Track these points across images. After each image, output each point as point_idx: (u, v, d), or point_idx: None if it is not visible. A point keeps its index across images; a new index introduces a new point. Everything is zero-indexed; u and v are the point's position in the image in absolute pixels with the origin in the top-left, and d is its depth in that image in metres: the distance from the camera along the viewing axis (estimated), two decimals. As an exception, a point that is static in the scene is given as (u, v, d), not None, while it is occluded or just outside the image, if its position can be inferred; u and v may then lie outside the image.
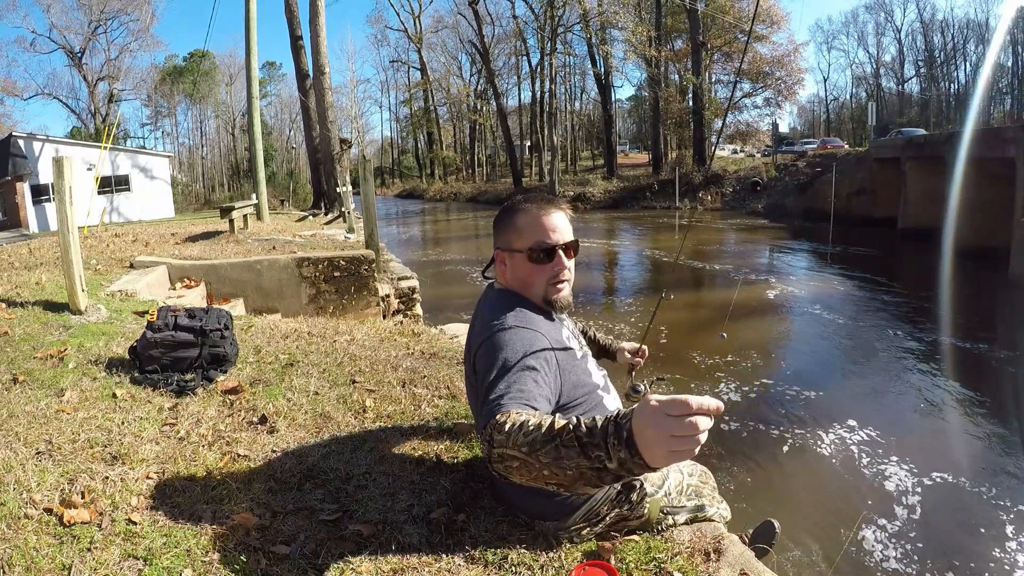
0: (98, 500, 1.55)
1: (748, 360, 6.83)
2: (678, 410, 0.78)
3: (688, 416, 0.78)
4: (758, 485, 4.19)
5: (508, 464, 0.98)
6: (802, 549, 3.40)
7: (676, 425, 0.78)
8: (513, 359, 1.24)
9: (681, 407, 0.78)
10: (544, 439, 0.93)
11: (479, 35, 37.38)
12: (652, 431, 0.80)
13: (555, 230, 1.47)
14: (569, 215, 1.54)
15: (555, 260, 1.47)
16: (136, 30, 39.53)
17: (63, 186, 3.49)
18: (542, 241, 1.45)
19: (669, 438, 0.79)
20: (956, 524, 3.68)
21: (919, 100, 45.09)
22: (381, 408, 2.37)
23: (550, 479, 0.94)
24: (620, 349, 1.97)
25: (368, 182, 7.42)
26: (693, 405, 0.78)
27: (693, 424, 0.78)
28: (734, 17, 30.68)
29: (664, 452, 0.80)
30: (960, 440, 4.95)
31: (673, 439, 0.79)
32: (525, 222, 1.48)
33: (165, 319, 2.64)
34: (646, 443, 0.82)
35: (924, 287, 10.67)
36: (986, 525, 3.66)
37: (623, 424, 0.86)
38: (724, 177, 28.01)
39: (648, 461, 0.82)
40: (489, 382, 1.22)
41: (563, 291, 1.50)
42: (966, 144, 13.29)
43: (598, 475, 0.89)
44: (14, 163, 17.38)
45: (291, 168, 48.49)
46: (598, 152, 49.76)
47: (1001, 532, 3.58)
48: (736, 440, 4.88)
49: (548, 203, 1.50)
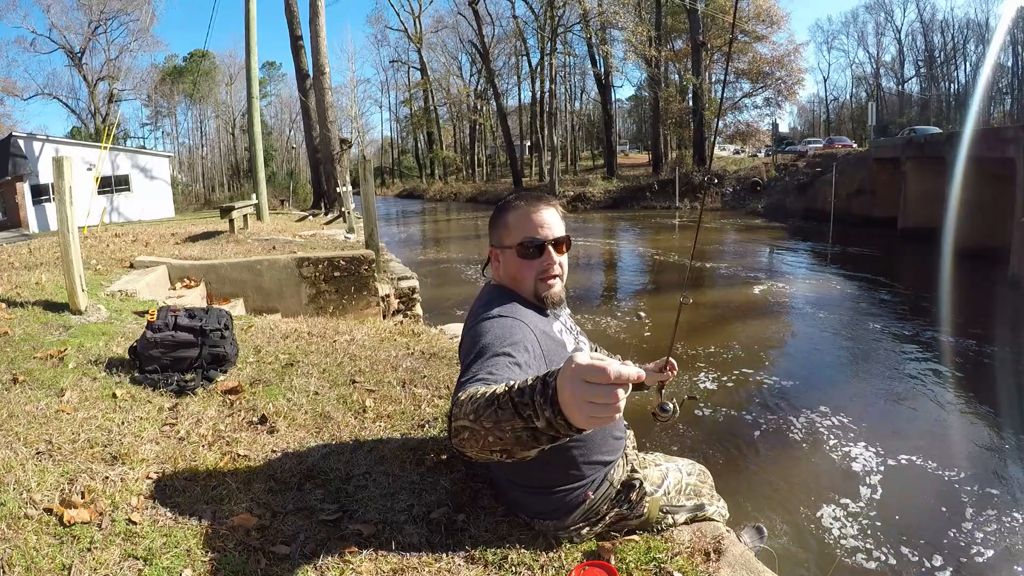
0: (98, 500, 1.55)
1: (747, 359, 6.83)
2: (596, 377, 0.76)
3: (605, 384, 0.76)
4: (757, 484, 4.19)
5: (461, 437, 0.98)
6: (802, 549, 3.40)
7: (593, 392, 0.77)
8: (491, 345, 1.23)
9: (599, 375, 0.76)
10: (486, 404, 0.93)
11: (479, 35, 37.39)
12: (569, 394, 0.79)
13: (544, 225, 1.47)
14: (560, 211, 1.54)
15: (544, 255, 1.47)
16: (136, 30, 39.56)
17: (63, 186, 3.49)
18: (531, 237, 1.46)
19: (586, 403, 0.77)
20: (955, 524, 3.68)
21: (919, 100, 45.09)
22: (381, 408, 2.36)
23: (494, 445, 0.93)
24: (646, 371, 1.77)
25: (368, 182, 7.41)
26: (611, 375, 0.76)
27: (612, 393, 0.76)
28: (734, 17, 30.68)
29: (582, 416, 0.79)
30: (959, 440, 4.96)
31: (590, 405, 0.77)
32: (515, 219, 1.49)
33: (165, 319, 2.64)
34: (566, 404, 0.80)
35: (924, 287, 10.67)
36: (984, 525, 3.66)
37: (549, 383, 0.85)
38: (724, 177, 28.02)
39: (571, 422, 0.81)
40: (464, 366, 1.22)
41: (554, 287, 1.49)
42: (966, 144, 13.29)
43: (533, 436, 0.88)
44: (14, 163, 17.37)
45: (291, 168, 48.49)
46: (598, 152, 49.78)
47: (1000, 532, 3.58)
48: (735, 438, 4.88)
49: (537, 200, 1.51)
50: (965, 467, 4.34)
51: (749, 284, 11.47)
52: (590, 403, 0.77)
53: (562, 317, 1.60)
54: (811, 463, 4.51)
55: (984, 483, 4.12)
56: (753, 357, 7.00)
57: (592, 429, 0.82)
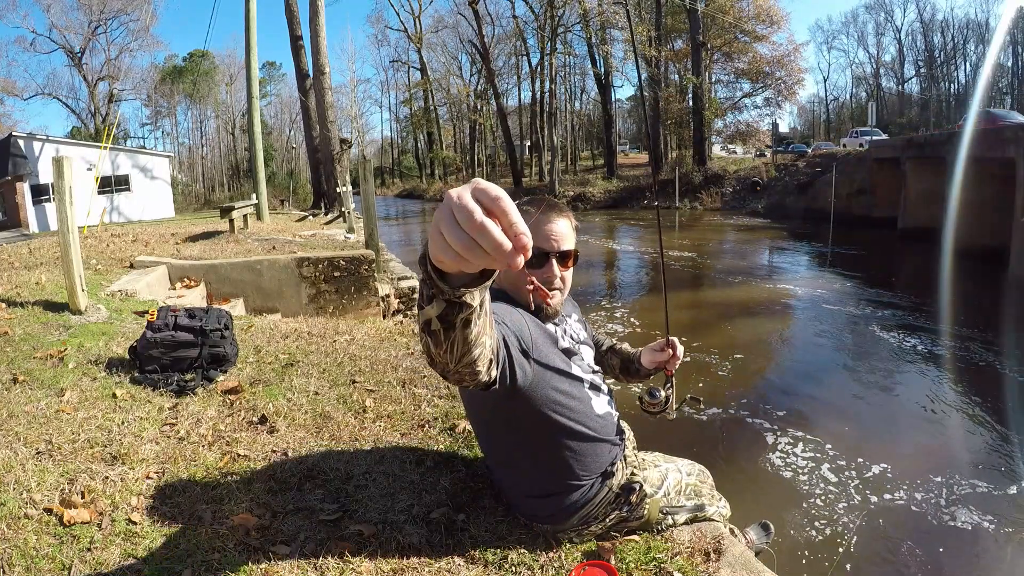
0: (98, 500, 1.55)
1: (747, 359, 6.83)
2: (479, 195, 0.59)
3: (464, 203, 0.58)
4: (757, 484, 4.19)
5: (426, 353, 0.93)
6: (801, 549, 3.40)
7: (456, 214, 0.59)
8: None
9: (482, 193, 0.59)
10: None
11: (479, 35, 37.35)
12: (437, 213, 0.62)
13: (553, 236, 1.43)
14: (572, 223, 1.49)
15: (545, 267, 1.42)
16: (136, 30, 39.54)
17: (63, 186, 3.49)
18: (538, 246, 1.41)
19: (448, 226, 0.59)
20: (957, 524, 3.68)
21: (919, 100, 45.08)
22: (381, 408, 2.36)
23: (425, 332, 0.86)
24: (645, 351, 1.72)
25: (368, 182, 7.41)
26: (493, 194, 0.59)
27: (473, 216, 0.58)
28: (734, 17, 30.69)
29: (436, 245, 0.62)
30: (961, 440, 4.95)
31: (451, 228, 0.59)
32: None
33: (165, 319, 2.64)
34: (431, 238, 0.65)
35: (924, 287, 10.67)
36: (988, 527, 3.65)
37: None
38: (724, 177, 28.02)
39: (432, 257, 0.67)
40: None
41: (552, 299, 1.43)
42: (966, 144, 13.29)
43: (429, 296, 0.79)
44: (14, 163, 17.36)
45: (291, 168, 48.50)
46: (598, 152, 49.76)
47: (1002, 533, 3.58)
48: (735, 438, 4.88)
49: (551, 208, 1.46)
50: (967, 467, 4.34)
51: (749, 284, 11.47)
52: (450, 227, 0.59)
53: (564, 325, 1.57)
54: (811, 463, 4.50)
55: (986, 484, 4.12)
56: (753, 357, 7.00)
57: (449, 268, 0.67)
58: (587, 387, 1.50)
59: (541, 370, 1.36)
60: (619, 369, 1.80)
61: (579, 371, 1.50)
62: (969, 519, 3.71)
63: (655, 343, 1.70)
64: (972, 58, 42.74)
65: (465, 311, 0.81)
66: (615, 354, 1.82)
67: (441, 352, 0.90)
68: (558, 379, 1.41)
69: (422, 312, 0.83)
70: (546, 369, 1.37)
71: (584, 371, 1.52)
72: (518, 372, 1.24)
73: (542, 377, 1.36)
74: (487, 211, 0.59)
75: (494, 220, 0.59)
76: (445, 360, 0.92)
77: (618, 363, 1.81)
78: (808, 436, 4.87)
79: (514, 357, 1.22)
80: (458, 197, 0.60)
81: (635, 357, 1.75)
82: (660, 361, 1.68)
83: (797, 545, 3.44)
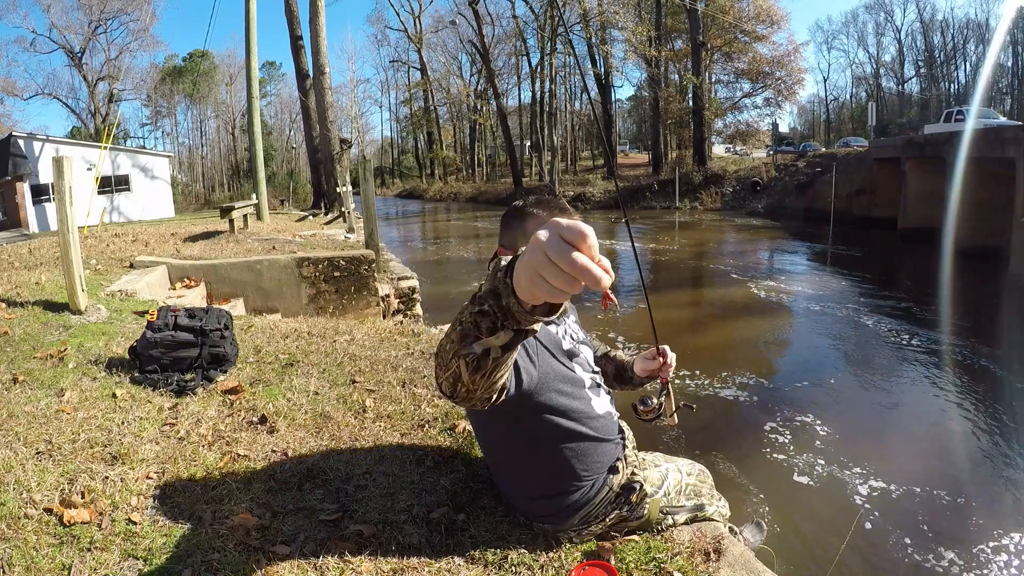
0: (98, 500, 1.55)
1: (747, 359, 6.82)
2: (570, 233, 0.64)
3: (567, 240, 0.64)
4: (757, 484, 4.19)
5: (438, 373, 0.96)
6: (801, 548, 3.40)
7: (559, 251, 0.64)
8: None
9: (573, 230, 0.64)
10: (452, 322, 0.90)
11: (479, 35, 37.34)
12: (533, 257, 0.67)
13: None
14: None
15: None
16: (136, 30, 39.54)
17: (63, 186, 3.49)
18: None
19: (545, 262, 0.65)
20: (956, 525, 3.68)
21: (919, 100, 45.05)
22: (381, 408, 2.36)
23: (448, 352, 0.90)
24: (638, 359, 1.71)
25: (368, 182, 7.41)
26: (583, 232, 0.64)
27: (571, 256, 0.64)
28: (734, 17, 30.68)
29: (526, 277, 0.69)
30: (960, 440, 4.95)
31: (548, 264, 0.65)
32: (534, 228, 1.47)
33: (165, 319, 2.64)
34: (520, 268, 0.71)
35: (924, 287, 10.66)
36: (987, 528, 3.65)
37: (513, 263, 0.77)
38: (724, 177, 28.01)
39: (517, 289, 0.73)
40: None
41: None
42: (966, 144, 13.28)
43: (491, 328, 0.82)
44: (14, 163, 17.35)
45: (291, 168, 48.48)
46: (598, 152, 49.76)
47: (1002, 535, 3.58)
48: (735, 437, 4.87)
49: (561, 212, 1.45)
50: (966, 468, 4.34)
51: (749, 284, 11.47)
52: (552, 272, 0.65)
53: (565, 326, 1.58)
54: (811, 463, 4.50)
55: (986, 484, 4.12)
56: (753, 356, 7.00)
57: (538, 302, 0.72)
58: (588, 388, 1.51)
59: (544, 372, 1.37)
60: (613, 376, 1.79)
61: (580, 372, 1.51)
62: (969, 519, 3.71)
63: (647, 352, 1.68)
64: (972, 58, 42.71)
65: (526, 337, 0.84)
66: (609, 361, 1.81)
67: (478, 378, 0.91)
68: (560, 380, 1.42)
69: (479, 343, 0.85)
70: (549, 371, 1.39)
71: (585, 372, 1.53)
72: (524, 377, 1.26)
73: (545, 379, 1.38)
74: (576, 249, 0.64)
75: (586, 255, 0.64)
76: (476, 386, 0.93)
77: (612, 370, 1.80)
78: (808, 436, 4.88)
79: (521, 364, 1.24)
80: (556, 245, 0.64)
81: (629, 365, 1.74)
82: (652, 369, 1.67)
83: (797, 545, 3.44)
